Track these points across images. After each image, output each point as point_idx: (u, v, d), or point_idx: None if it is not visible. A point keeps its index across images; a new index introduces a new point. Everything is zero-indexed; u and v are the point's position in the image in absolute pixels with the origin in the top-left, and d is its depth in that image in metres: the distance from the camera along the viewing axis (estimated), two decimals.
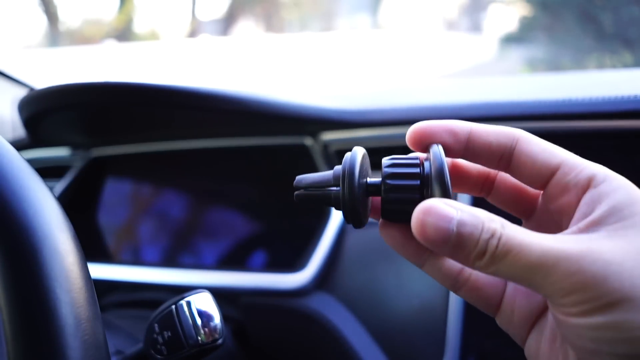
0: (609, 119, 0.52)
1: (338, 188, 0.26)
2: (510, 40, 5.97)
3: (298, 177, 0.28)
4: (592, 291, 0.19)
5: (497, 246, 0.21)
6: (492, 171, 0.28)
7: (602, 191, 0.22)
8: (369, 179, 0.26)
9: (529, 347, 0.25)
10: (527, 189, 0.27)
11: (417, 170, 0.24)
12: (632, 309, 0.19)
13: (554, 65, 4.66)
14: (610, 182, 0.22)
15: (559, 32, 5.04)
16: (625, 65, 4.17)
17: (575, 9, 4.74)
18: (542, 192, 0.25)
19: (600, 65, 4.32)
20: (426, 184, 0.24)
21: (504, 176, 0.27)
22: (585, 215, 0.22)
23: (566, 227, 0.23)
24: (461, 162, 0.28)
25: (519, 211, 0.28)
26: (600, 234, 0.21)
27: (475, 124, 0.26)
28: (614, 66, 4.16)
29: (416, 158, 0.25)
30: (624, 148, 0.54)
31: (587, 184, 0.22)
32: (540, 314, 0.25)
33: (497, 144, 0.25)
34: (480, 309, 0.27)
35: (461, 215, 0.21)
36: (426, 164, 0.24)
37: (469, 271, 0.26)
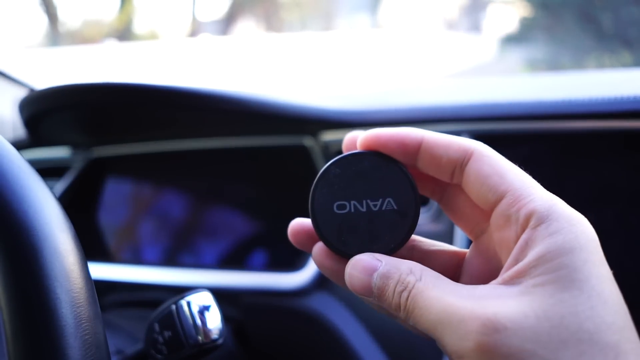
0: (609, 119, 0.52)
1: None
2: (510, 40, 5.96)
3: None
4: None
5: (407, 300, 0.21)
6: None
7: (538, 235, 0.20)
8: None
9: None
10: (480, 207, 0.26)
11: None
12: None
13: (554, 65, 4.66)
14: (549, 224, 0.20)
15: (559, 32, 5.03)
16: (625, 65, 4.16)
17: (575, 9, 4.74)
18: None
19: (600, 65, 4.31)
20: None
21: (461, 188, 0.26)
22: (516, 261, 0.21)
23: (505, 261, 0.22)
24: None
25: (468, 228, 0.27)
26: (516, 289, 0.20)
27: (430, 133, 0.25)
28: (613, 66, 4.16)
29: None
30: (624, 148, 0.54)
31: (526, 223, 0.21)
32: None
33: (446, 159, 0.24)
34: None
35: (382, 267, 0.22)
36: None
37: None
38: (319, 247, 0.27)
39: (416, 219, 0.25)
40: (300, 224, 0.28)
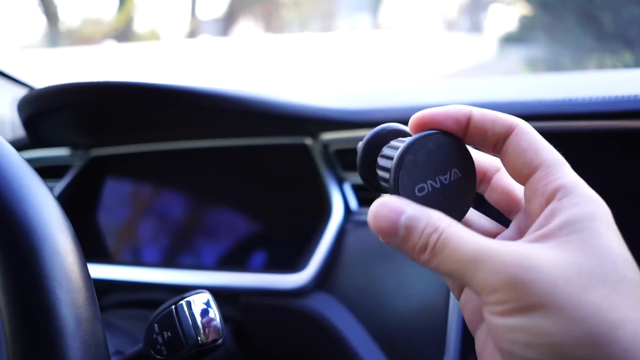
0: (609, 119, 0.52)
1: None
2: (510, 40, 5.97)
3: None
4: (514, 292, 0.20)
5: (437, 240, 0.22)
6: (489, 170, 0.29)
7: (562, 206, 0.22)
8: (379, 157, 0.29)
9: (477, 341, 0.26)
10: (517, 192, 0.28)
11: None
12: (547, 315, 0.19)
13: (554, 65, 4.66)
14: (573, 197, 0.22)
15: (559, 32, 5.03)
16: (625, 65, 4.16)
17: (575, 9, 4.74)
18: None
19: (600, 65, 4.31)
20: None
21: (500, 176, 0.28)
22: (540, 228, 0.22)
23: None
24: None
25: (507, 210, 0.28)
26: (544, 245, 0.21)
27: (477, 109, 0.26)
28: (614, 66, 4.16)
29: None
30: (624, 148, 0.54)
31: (553, 196, 0.23)
32: None
33: (492, 133, 0.26)
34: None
35: (412, 210, 0.23)
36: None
37: None
38: None
39: (476, 180, 0.27)
40: None
